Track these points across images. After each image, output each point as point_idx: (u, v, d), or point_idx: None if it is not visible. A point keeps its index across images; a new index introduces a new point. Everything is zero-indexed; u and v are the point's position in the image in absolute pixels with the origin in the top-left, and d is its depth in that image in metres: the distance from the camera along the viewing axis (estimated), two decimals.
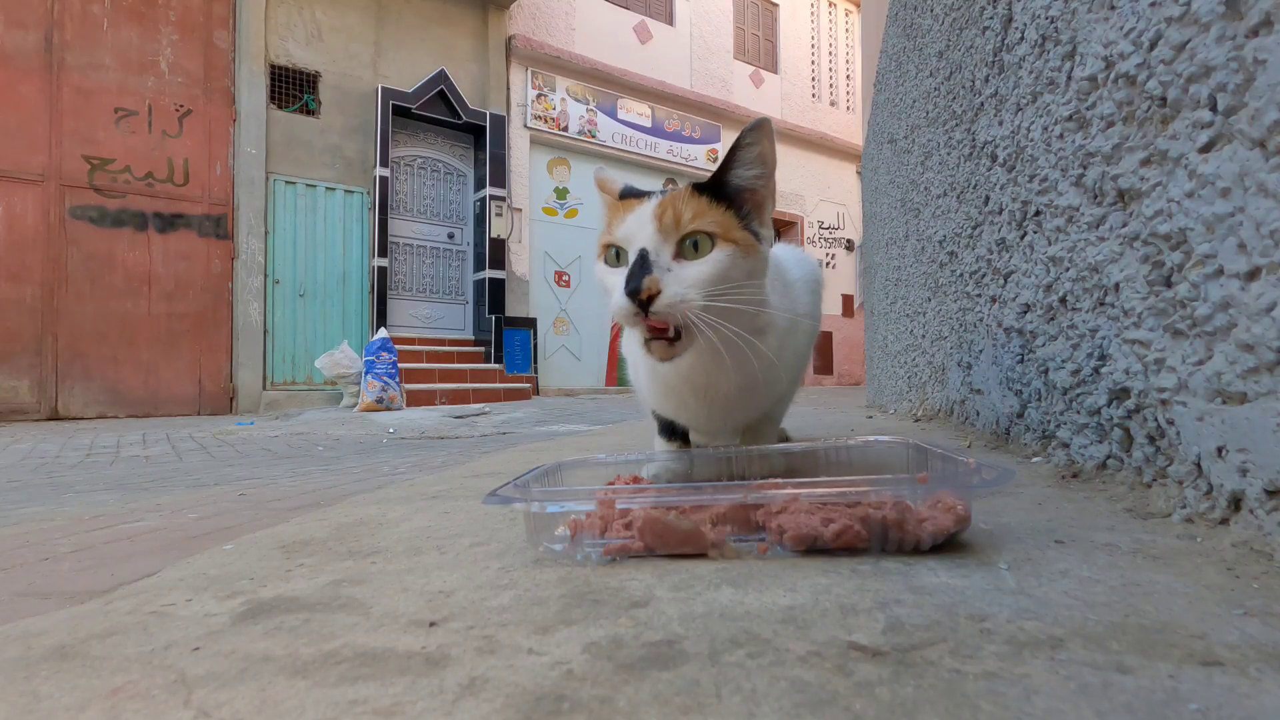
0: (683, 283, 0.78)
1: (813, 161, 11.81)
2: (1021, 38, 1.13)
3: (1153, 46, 0.72)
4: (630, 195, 0.91)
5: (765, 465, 0.99)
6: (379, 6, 7.37)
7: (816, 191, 11.85)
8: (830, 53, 12.20)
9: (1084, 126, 0.90)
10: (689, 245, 0.81)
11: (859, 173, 11.38)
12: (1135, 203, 0.79)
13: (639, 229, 0.81)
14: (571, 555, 0.69)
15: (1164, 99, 0.70)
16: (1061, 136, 0.97)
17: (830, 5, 12.19)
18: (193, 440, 3.96)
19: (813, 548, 0.65)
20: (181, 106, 6.33)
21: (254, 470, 2.51)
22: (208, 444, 3.74)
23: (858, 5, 12.15)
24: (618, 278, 0.81)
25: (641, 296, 0.76)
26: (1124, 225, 0.82)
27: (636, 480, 0.92)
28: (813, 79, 11.93)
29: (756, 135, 0.82)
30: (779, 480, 0.71)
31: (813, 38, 11.94)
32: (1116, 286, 0.84)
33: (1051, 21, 0.99)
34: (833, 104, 12.20)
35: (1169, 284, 0.74)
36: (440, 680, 0.43)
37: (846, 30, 12.39)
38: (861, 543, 0.65)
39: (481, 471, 1.56)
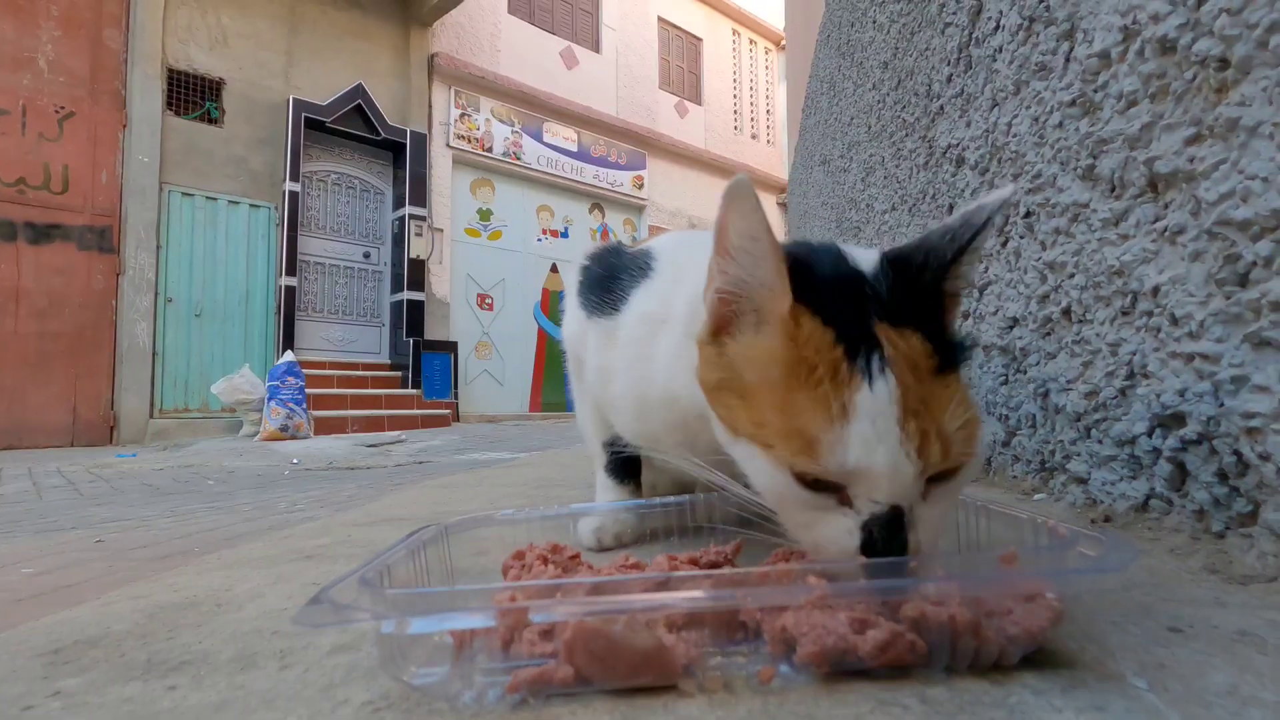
0: (931, 531, 0.48)
1: None
2: (997, 26, 1.06)
3: (1202, 1, 0.63)
4: (809, 288, 0.50)
5: (725, 513, 0.69)
6: (292, 15, 7.01)
7: None
8: (751, 88, 12.55)
9: (1092, 111, 0.82)
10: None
11: (780, 204, 11.68)
12: (1179, 189, 0.69)
13: (890, 473, 0.45)
14: (453, 693, 0.42)
15: (1224, 59, 0.61)
16: (1061, 125, 0.88)
17: (750, 43, 12.57)
18: (61, 475, 3.48)
19: (840, 666, 0.41)
20: (63, 108, 5.76)
21: (126, 510, 2.17)
22: (78, 479, 3.30)
23: (778, 44, 12.58)
24: (826, 519, 0.48)
25: None
26: (1157, 219, 0.72)
27: (558, 550, 0.59)
28: (735, 112, 12.21)
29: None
30: (790, 567, 0.45)
31: (734, 73, 12.25)
32: (1155, 290, 0.73)
33: (1041, 1, 0.92)
34: (754, 137, 12.52)
35: (1244, 283, 0.61)
36: None
37: (766, 68, 12.80)
38: (917, 659, 0.41)
39: (380, 516, 1.24)
